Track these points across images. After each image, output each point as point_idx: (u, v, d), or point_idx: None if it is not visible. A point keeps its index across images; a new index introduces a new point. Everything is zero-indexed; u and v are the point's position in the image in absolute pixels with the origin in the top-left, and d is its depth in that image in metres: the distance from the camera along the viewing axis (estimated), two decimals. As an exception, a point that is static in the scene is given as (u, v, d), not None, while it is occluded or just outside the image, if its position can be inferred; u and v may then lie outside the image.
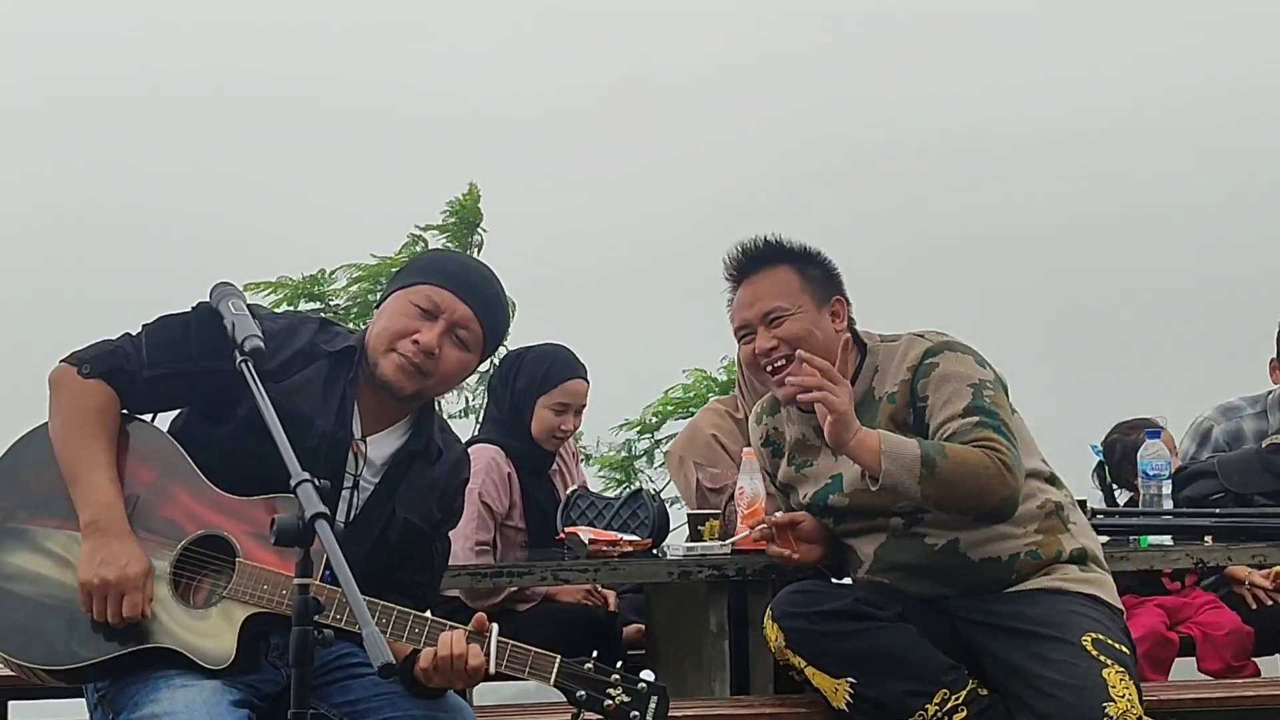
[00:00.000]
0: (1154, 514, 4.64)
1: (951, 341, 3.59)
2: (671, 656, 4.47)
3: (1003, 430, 3.39)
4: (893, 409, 3.54)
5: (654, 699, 2.97)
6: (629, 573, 4.13)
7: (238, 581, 2.96)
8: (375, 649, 2.23)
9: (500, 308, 3.32)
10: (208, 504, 3.03)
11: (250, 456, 3.00)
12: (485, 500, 4.91)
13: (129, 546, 2.93)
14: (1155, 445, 4.76)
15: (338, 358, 3.20)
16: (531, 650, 3.01)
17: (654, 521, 4.32)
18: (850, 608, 3.45)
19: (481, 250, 9.07)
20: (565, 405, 5.09)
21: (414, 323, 3.18)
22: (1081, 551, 3.57)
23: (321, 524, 2.43)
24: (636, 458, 9.36)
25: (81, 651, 2.93)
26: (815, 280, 3.64)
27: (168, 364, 3.10)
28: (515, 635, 4.89)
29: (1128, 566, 4.35)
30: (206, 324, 3.09)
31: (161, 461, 3.07)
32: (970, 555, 3.51)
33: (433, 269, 3.27)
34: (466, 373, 3.30)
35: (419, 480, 3.24)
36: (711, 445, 4.79)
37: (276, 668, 3.04)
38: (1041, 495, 3.58)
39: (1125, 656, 3.32)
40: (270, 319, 3.20)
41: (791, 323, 3.58)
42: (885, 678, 3.37)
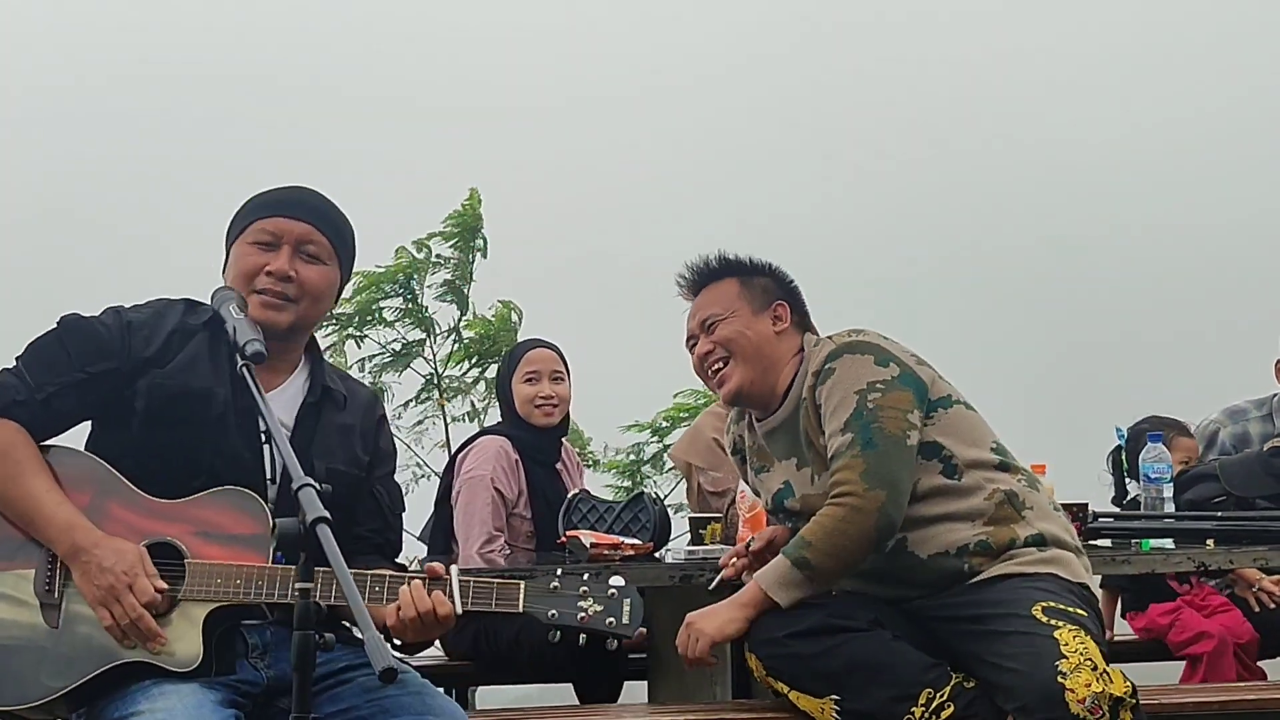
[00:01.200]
0: (1156, 517, 4.64)
1: (855, 343, 3.63)
2: (673, 661, 4.46)
3: (871, 443, 3.45)
4: (805, 414, 3.64)
5: (627, 601, 2.97)
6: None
7: (190, 582, 2.95)
8: (376, 654, 2.23)
9: (334, 212, 3.30)
10: (146, 513, 3.03)
11: (165, 447, 3.03)
12: (498, 487, 4.96)
13: (110, 545, 2.93)
14: (1157, 449, 4.76)
15: (211, 327, 3.18)
16: (494, 582, 3.00)
17: (655, 525, 4.32)
18: (823, 623, 3.44)
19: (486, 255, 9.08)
20: (535, 373, 5.24)
21: (260, 258, 3.18)
22: (1038, 536, 3.53)
23: (323, 528, 2.43)
24: (645, 461, 9.37)
25: (53, 683, 2.93)
26: (756, 288, 3.79)
27: (56, 381, 3.08)
28: (516, 635, 4.98)
29: (1129, 570, 4.34)
30: (75, 332, 3.12)
31: (92, 483, 3.06)
32: (919, 553, 3.52)
33: (256, 207, 3.26)
34: (333, 286, 3.28)
35: (330, 428, 3.22)
36: (713, 449, 4.79)
37: (257, 669, 3.04)
38: (989, 486, 3.57)
39: (1081, 618, 3.29)
40: (135, 310, 3.20)
41: (724, 326, 3.74)
42: (868, 688, 3.35)
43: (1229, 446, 5.80)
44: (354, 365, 9.03)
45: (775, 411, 3.73)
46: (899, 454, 3.45)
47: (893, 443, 3.45)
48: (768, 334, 3.73)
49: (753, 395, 3.74)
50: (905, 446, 3.47)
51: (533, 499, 5.08)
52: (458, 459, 5.20)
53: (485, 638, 5.12)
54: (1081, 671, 3.11)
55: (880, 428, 3.46)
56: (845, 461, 3.45)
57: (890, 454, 3.44)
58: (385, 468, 3.39)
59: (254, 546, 2.99)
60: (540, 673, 5.21)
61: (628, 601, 2.97)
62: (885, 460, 3.43)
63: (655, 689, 4.71)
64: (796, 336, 3.77)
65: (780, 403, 3.72)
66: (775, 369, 3.72)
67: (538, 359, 5.28)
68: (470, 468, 5.06)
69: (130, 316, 3.16)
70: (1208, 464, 5.46)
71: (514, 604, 2.98)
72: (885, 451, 3.44)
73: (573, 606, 2.96)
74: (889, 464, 3.43)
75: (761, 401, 3.75)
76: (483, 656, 5.19)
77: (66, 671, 2.93)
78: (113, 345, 3.10)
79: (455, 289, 9.01)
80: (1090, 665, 3.13)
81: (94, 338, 3.10)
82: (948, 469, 3.54)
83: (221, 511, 3.01)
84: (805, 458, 3.65)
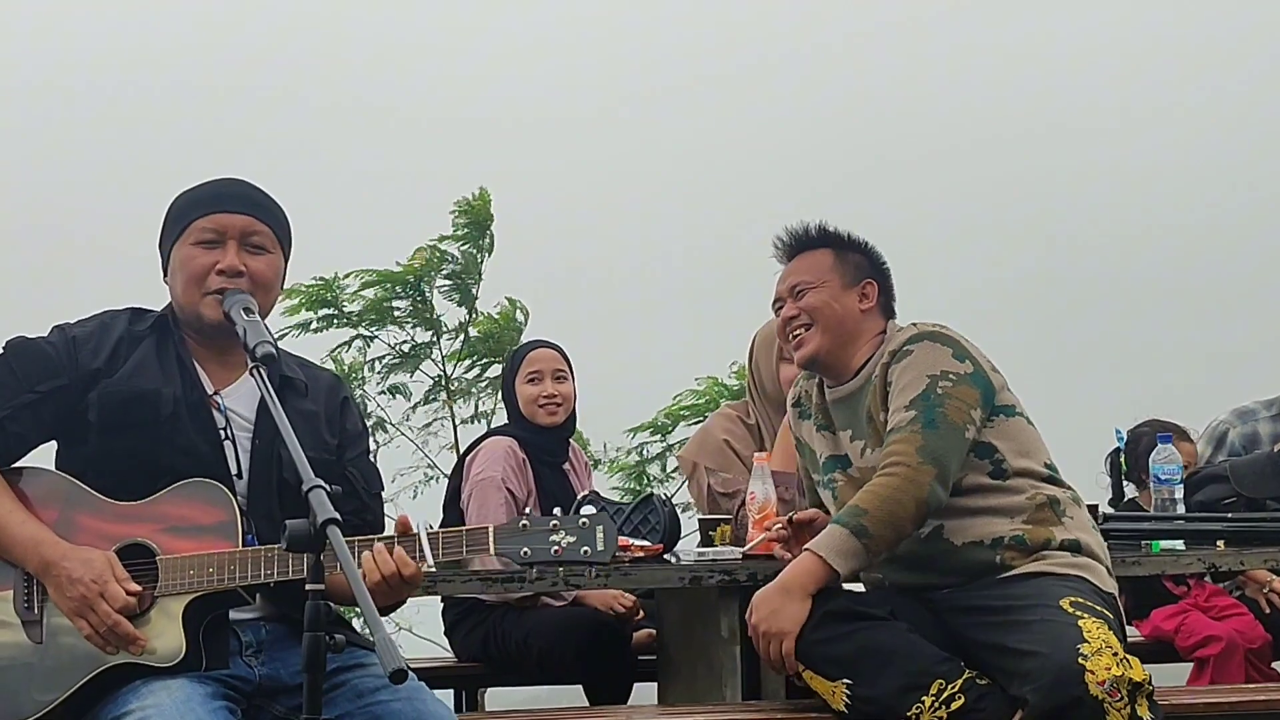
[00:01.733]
0: (1166, 518, 4.62)
1: (938, 333, 3.73)
2: (683, 662, 4.47)
3: (933, 424, 3.54)
4: (873, 389, 3.73)
5: (599, 528, 2.96)
6: (640, 578, 4.12)
7: (164, 577, 2.97)
8: (387, 654, 2.23)
9: (268, 199, 3.30)
10: (113, 518, 3.04)
11: (124, 453, 3.04)
12: (509, 487, 4.97)
13: (78, 556, 2.95)
14: (1167, 450, 4.75)
15: (157, 330, 3.20)
16: (462, 530, 3.01)
17: (665, 527, 4.31)
18: (842, 609, 3.49)
19: (492, 254, 9.08)
20: (537, 373, 5.28)
21: (207, 257, 3.17)
22: (1075, 542, 3.60)
23: (333, 529, 2.43)
24: (649, 461, 9.37)
25: (43, 697, 2.95)
26: (849, 262, 3.89)
27: (8, 404, 3.09)
28: (527, 636, 4.99)
29: (1139, 571, 4.33)
30: (21, 353, 3.14)
31: (57, 498, 3.07)
32: (953, 540, 3.60)
33: (190, 206, 3.24)
34: (279, 273, 3.28)
35: (294, 414, 3.14)
36: (723, 450, 4.79)
37: (250, 666, 3.05)
38: (1032, 489, 3.65)
39: (1106, 616, 3.34)
40: (80, 325, 3.22)
41: (813, 294, 3.84)
42: (879, 675, 3.39)
43: (1238, 447, 5.78)
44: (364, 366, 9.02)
45: (846, 383, 3.83)
46: (955, 439, 3.55)
47: (952, 428, 3.55)
48: (853, 309, 3.84)
49: (826, 364, 3.84)
50: (962, 436, 3.57)
51: (541, 499, 5.08)
52: (466, 461, 5.20)
53: (495, 639, 5.13)
54: (1103, 655, 3.17)
55: (944, 413, 3.56)
56: (903, 435, 3.55)
57: (947, 437, 3.54)
58: (357, 449, 3.39)
59: (222, 534, 3.01)
60: (550, 674, 5.21)
61: (600, 528, 2.96)
62: (941, 441, 3.53)
63: (665, 690, 4.71)
64: (880, 319, 3.88)
65: (852, 376, 3.82)
66: (853, 344, 3.83)
67: (540, 359, 5.31)
68: (480, 469, 5.06)
69: (75, 331, 3.18)
70: (1218, 465, 5.44)
71: (485, 547, 2.98)
72: (943, 433, 3.54)
73: (545, 542, 2.97)
74: (943, 445, 3.53)
75: (834, 371, 3.86)
76: (492, 658, 5.20)
77: (55, 684, 2.95)
78: (59, 362, 3.12)
79: (463, 288, 9.02)
80: (1111, 651, 3.19)
81: (40, 357, 3.12)
82: (996, 471, 3.64)
83: (186, 505, 3.03)
84: (863, 431, 3.75)
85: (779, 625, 3.46)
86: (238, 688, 3.00)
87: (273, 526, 2.99)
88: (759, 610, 3.50)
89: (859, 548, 3.46)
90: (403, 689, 2.91)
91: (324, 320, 8.87)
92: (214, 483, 3.03)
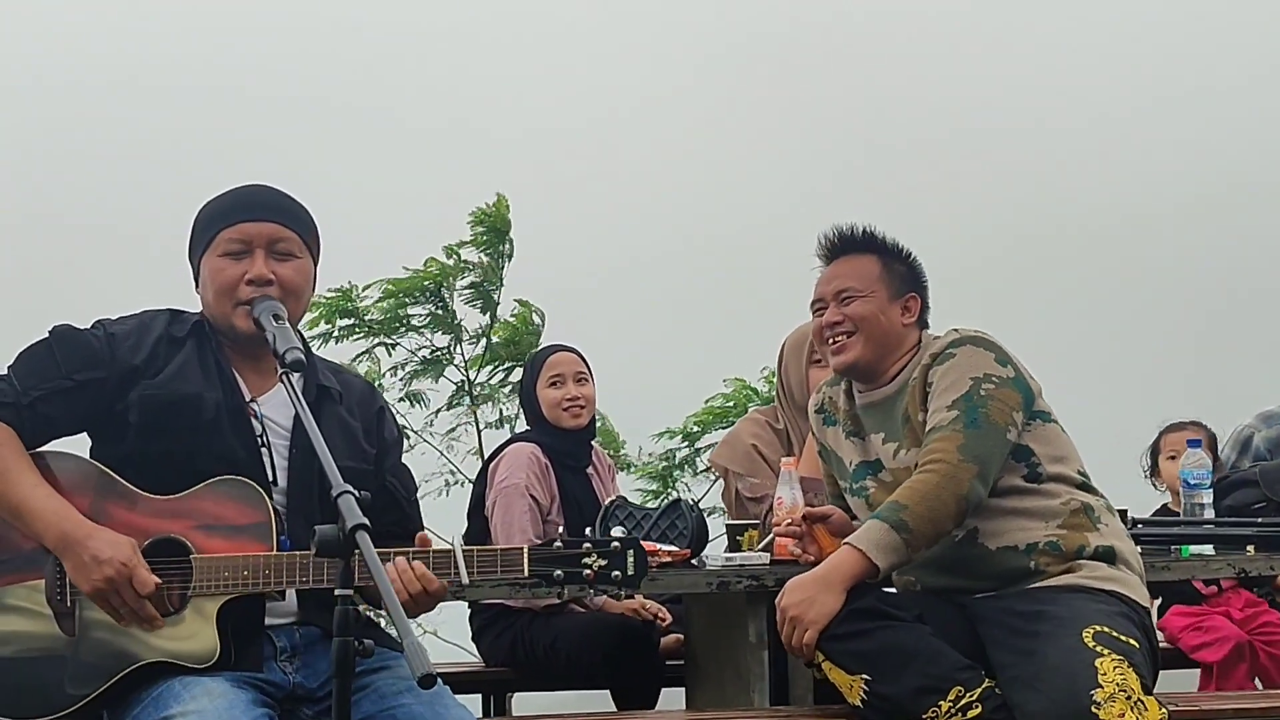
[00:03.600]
0: (1195, 523, 4.61)
1: (981, 338, 3.75)
2: (710, 667, 4.47)
3: (975, 423, 3.55)
4: (911, 391, 3.73)
5: (630, 552, 3.02)
6: (667, 583, 4.12)
7: (198, 577, 2.98)
8: (416, 658, 2.23)
9: (294, 204, 3.30)
10: (147, 512, 3.04)
11: (162, 456, 3.05)
12: (533, 494, 4.97)
13: (103, 536, 2.95)
14: (1196, 454, 4.73)
15: (195, 334, 3.21)
16: (497, 550, 3.05)
17: (693, 532, 4.31)
18: (870, 606, 3.49)
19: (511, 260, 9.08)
20: (559, 376, 5.27)
21: (235, 267, 3.17)
22: (1109, 550, 3.60)
23: (362, 535, 2.44)
24: (677, 466, 9.35)
25: (76, 691, 2.96)
26: (896, 274, 3.87)
27: (43, 386, 3.10)
28: (554, 642, 5.00)
29: (1169, 576, 4.32)
30: (64, 340, 3.15)
31: (90, 486, 3.08)
32: (989, 544, 3.61)
33: (215, 217, 3.25)
34: (309, 278, 3.29)
35: (332, 424, 3.21)
36: (751, 455, 4.79)
37: (285, 672, 3.06)
38: (1067, 494, 3.66)
39: (1130, 648, 3.31)
40: (120, 322, 3.23)
41: (860, 303, 3.82)
42: (899, 674, 3.39)
43: (1263, 451, 5.76)
44: (386, 372, 9.02)
45: (879, 387, 3.83)
46: (997, 440, 3.57)
47: (994, 429, 3.57)
48: (896, 322, 3.84)
49: (862, 371, 3.84)
50: (1004, 437, 3.58)
51: (565, 504, 5.09)
52: (489, 469, 5.20)
53: (522, 644, 5.13)
54: (1116, 702, 3.16)
55: (986, 413, 3.57)
56: (945, 434, 3.56)
57: (989, 437, 3.55)
58: (393, 456, 3.41)
59: (257, 536, 3.02)
60: (577, 679, 5.21)
61: (631, 553, 3.02)
62: (983, 440, 3.54)
63: (693, 695, 4.71)
64: (917, 331, 3.88)
65: (887, 382, 3.82)
66: (891, 355, 3.83)
67: (560, 362, 5.31)
68: (504, 477, 5.06)
69: (114, 328, 3.19)
70: (1247, 470, 5.43)
71: (519, 568, 3.01)
72: (985, 433, 3.55)
73: (577, 564, 3.01)
74: (986, 444, 3.55)
75: (867, 377, 3.86)
76: (519, 662, 5.20)
77: (89, 678, 2.97)
78: (101, 355, 3.13)
79: (484, 293, 9.02)
80: (1125, 695, 3.17)
81: (84, 347, 3.14)
82: (1031, 474, 3.65)
83: (221, 503, 3.04)
84: (898, 433, 3.75)
85: (810, 614, 3.45)
86: (271, 693, 3.01)
87: (309, 535, 3.00)
88: (791, 594, 3.50)
89: (899, 543, 3.46)
90: (425, 692, 2.93)
91: (344, 330, 8.89)
92: (249, 482, 3.04)
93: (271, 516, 3.02)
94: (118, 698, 2.97)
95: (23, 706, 2.98)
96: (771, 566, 4.04)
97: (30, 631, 3.01)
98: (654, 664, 5.13)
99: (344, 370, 3.53)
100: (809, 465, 4.41)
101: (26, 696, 2.98)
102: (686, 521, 4.34)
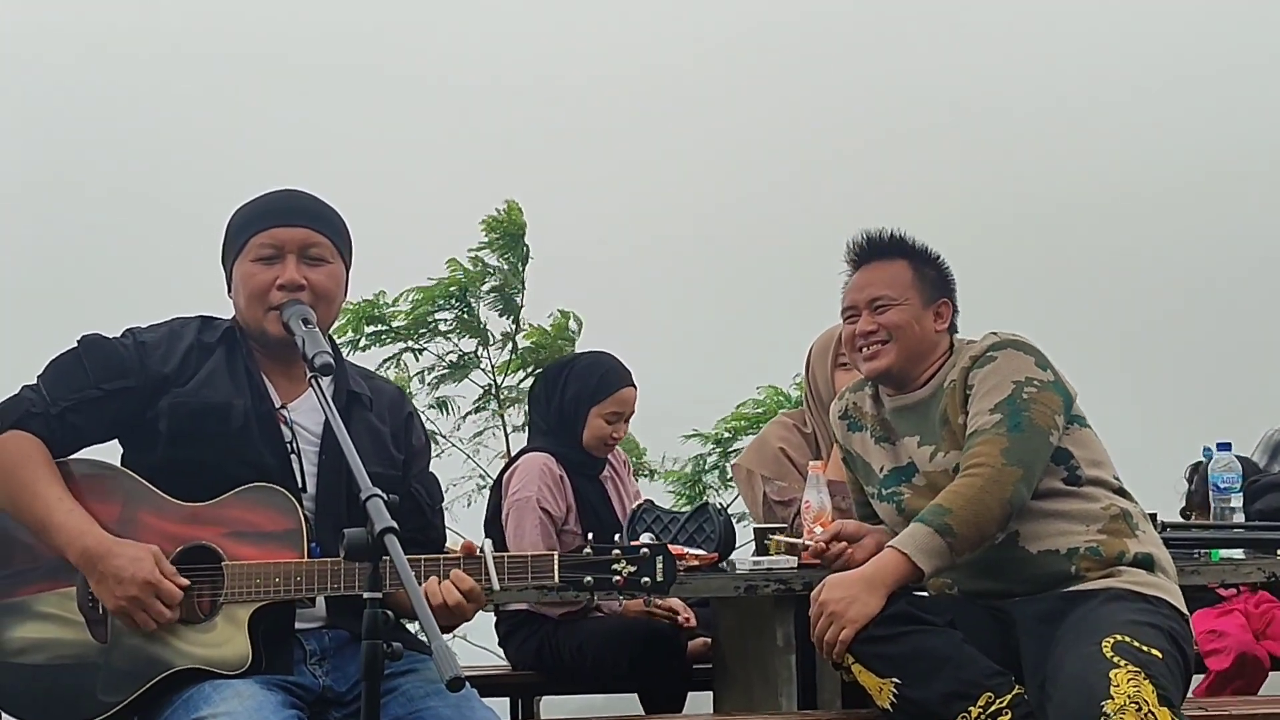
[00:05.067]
0: (1225, 527, 4.59)
1: (1020, 342, 3.75)
2: (738, 671, 4.47)
3: (1019, 427, 3.55)
4: (949, 393, 3.73)
5: (659, 559, 3.03)
6: (695, 587, 4.12)
7: (230, 584, 2.99)
8: (444, 661, 2.24)
9: (325, 208, 3.31)
10: (178, 519, 3.06)
11: (192, 464, 3.07)
12: (544, 507, 4.95)
13: (125, 552, 2.96)
14: (1226, 458, 4.71)
15: (226, 341, 3.23)
16: (527, 556, 3.06)
17: (720, 535, 4.31)
18: (902, 611, 3.49)
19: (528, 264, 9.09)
20: (618, 414, 5.18)
21: (267, 273, 3.18)
22: (1148, 557, 3.59)
23: (390, 538, 2.45)
24: (706, 471, 9.34)
25: (108, 699, 2.98)
26: (927, 280, 3.87)
27: (72, 396, 3.12)
28: (581, 646, 5.00)
29: (1199, 580, 4.30)
30: (93, 349, 3.17)
31: (119, 492, 3.10)
32: (1029, 548, 3.60)
33: (247, 222, 3.25)
34: (340, 283, 3.29)
35: (361, 430, 3.21)
36: (779, 458, 4.78)
37: (315, 676, 3.07)
38: (1107, 499, 3.66)
39: (1154, 659, 3.27)
40: (151, 330, 3.24)
41: (895, 312, 3.81)
42: (928, 679, 3.40)
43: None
44: (414, 377, 9.03)
45: (912, 391, 3.83)
46: (1040, 443, 3.57)
47: (1037, 432, 3.57)
48: (930, 329, 3.84)
49: (895, 377, 3.84)
50: (1047, 440, 3.59)
51: (581, 512, 5.07)
52: (503, 479, 5.18)
53: (549, 648, 5.13)
54: (1126, 713, 3.13)
55: (1029, 417, 3.57)
56: (988, 438, 3.55)
57: (1033, 440, 3.56)
58: (421, 463, 3.41)
59: (287, 543, 3.03)
60: (604, 683, 5.20)
61: (660, 559, 3.03)
62: (1027, 444, 3.54)
63: (721, 699, 4.71)
64: (948, 337, 3.88)
65: (920, 386, 3.82)
66: (924, 361, 3.83)
67: (627, 400, 5.19)
68: (516, 489, 5.04)
69: (145, 337, 3.21)
70: (1277, 474, 5.41)
71: (549, 574, 3.03)
72: (1029, 436, 3.55)
73: (607, 570, 3.02)
74: (1030, 447, 3.54)
75: (898, 382, 3.85)
76: (547, 666, 5.20)
77: (122, 685, 2.98)
78: (130, 365, 3.15)
79: (507, 298, 9.03)
80: (1136, 707, 3.14)
81: (113, 356, 3.15)
82: (1071, 477, 3.65)
83: (251, 510, 3.05)
84: (935, 435, 3.74)
85: (850, 612, 3.44)
86: (301, 696, 3.02)
87: (338, 541, 3.02)
88: (832, 590, 3.49)
89: (943, 546, 3.45)
90: (452, 696, 2.91)
91: (371, 337, 8.91)
92: (280, 489, 3.05)
93: (302, 523, 3.03)
94: (149, 703, 2.98)
95: (55, 713, 3.00)
96: (799, 570, 4.04)
97: (62, 639, 3.03)
98: (681, 668, 5.12)
99: (375, 376, 3.54)
100: (837, 469, 4.41)
101: (58, 704, 3.00)
102: (714, 525, 4.33)
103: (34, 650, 3.03)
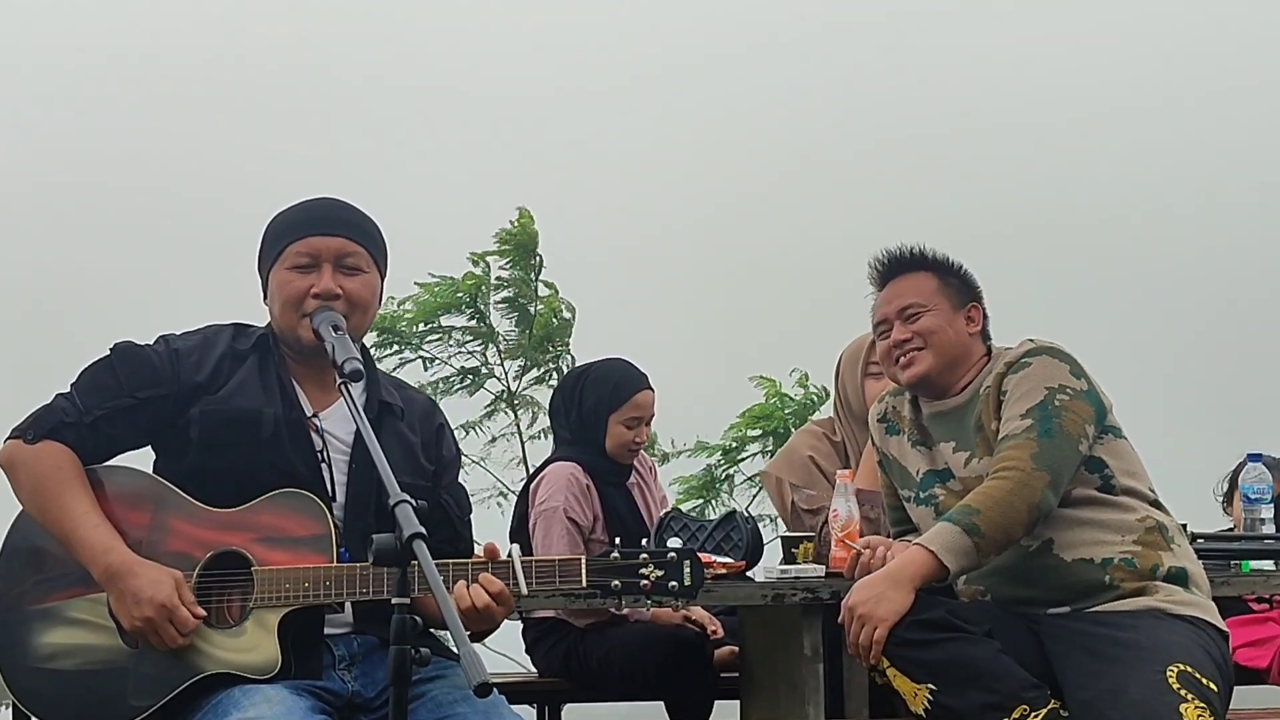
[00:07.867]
0: (1255, 538, 4.56)
1: (1056, 349, 3.76)
2: (765, 680, 4.46)
3: (1049, 433, 3.56)
4: (984, 399, 3.75)
5: (687, 563, 3.03)
6: (722, 595, 4.11)
7: (260, 589, 3.00)
8: (472, 667, 2.24)
9: (362, 218, 3.31)
10: (207, 525, 3.07)
11: (223, 471, 3.08)
12: (572, 517, 4.95)
13: (146, 574, 2.98)
14: (1257, 469, 4.68)
15: (259, 349, 3.24)
16: (555, 560, 3.07)
17: (748, 543, 4.30)
18: (941, 618, 3.48)
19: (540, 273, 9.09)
20: (637, 419, 5.16)
21: (303, 281, 3.19)
22: (1182, 572, 3.59)
23: (419, 544, 2.45)
24: (719, 481, 9.33)
25: (139, 703, 3.00)
26: (953, 286, 3.90)
27: (105, 404, 3.14)
28: (608, 654, 5.00)
29: (1228, 591, 4.27)
30: (126, 358, 3.18)
31: (150, 499, 3.12)
32: (1064, 556, 3.60)
33: (284, 230, 3.26)
34: (376, 292, 3.30)
35: (392, 440, 3.22)
36: (808, 466, 4.78)
37: (344, 680, 3.08)
38: (1143, 510, 3.66)
39: (1211, 693, 3.30)
40: (184, 338, 3.26)
41: (927, 318, 3.83)
42: (964, 688, 3.40)
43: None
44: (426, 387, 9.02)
45: (949, 398, 3.84)
46: (1070, 450, 3.57)
47: (1067, 439, 3.57)
48: (963, 333, 3.86)
49: (933, 383, 3.85)
50: (1076, 448, 3.59)
51: (608, 521, 5.06)
52: (530, 489, 5.18)
53: (576, 656, 5.13)
54: None
55: (1060, 424, 3.58)
56: (1018, 442, 3.56)
57: (1062, 447, 3.56)
58: (450, 474, 3.42)
59: (316, 548, 3.04)
60: (631, 691, 5.20)
61: (687, 563, 3.03)
62: (1056, 450, 3.55)
63: (747, 708, 4.70)
64: (983, 343, 3.90)
65: (957, 392, 3.83)
66: (961, 366, 3.85)
67: (645, 404, 5.18)
68: (543, 498, 5.03)
69: (178, 344, 3.22)
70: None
71: (577, 579, 3.03)
72: (1058, 443, 3.56)
73: (634, 575, 3.02)
74: (1059, 454, 3.55)
75: (936, 390, 3.86)
76: (573, 674, 5.20)
77: (152, 690, 3.00)
78: (163, 373, 3.16)
79: (520, 308, 9.04)
80: None
81: (145, 364, 3.17)
82: (1105, 486, 3.66)
83: (281, 515, 3.06)
84: (969, 441, 3.75)
85: (879, 611, 3.44)
86: (330, 701, 3.02)
87: (367, 549, 3.02)
88: (859, 593, 3.50)
89: (970, 546, 3.45)
90: (480, 702, 2.91)
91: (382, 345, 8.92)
92: (309, 494, 3.06)
93: (331, 528, 3.04)
94: (178, 708, 3.00)
95: (86, 718, 3.02)
96: (826, 579, 4.03)
97: (93, 644, 3.04)
98: (708, 676, 5.11)
99: (407, 387, 3.55)
100: (865, 477, 4.41)
101: (90, 708, 3.02)
102: (742, 533, 4.33)
103: (65, 655, 3.05)
